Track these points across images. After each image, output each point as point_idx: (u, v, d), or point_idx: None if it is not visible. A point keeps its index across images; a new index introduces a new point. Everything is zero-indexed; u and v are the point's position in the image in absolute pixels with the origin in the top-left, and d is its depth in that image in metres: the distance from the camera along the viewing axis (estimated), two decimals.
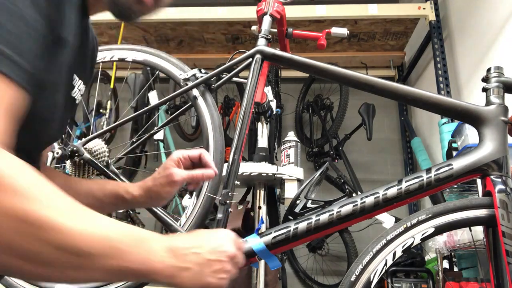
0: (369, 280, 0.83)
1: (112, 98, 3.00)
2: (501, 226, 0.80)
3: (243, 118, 1.10)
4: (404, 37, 3.18)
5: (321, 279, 2.89)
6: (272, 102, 1.72)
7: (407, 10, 2.84)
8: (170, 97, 1.26)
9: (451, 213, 0.85)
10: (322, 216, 0.89)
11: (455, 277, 1.79)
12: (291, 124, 3.43)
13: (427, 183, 0.87)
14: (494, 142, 0.87)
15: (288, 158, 1.67)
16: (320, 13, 2.82)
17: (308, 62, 1.12)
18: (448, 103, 0.97)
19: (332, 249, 2.94)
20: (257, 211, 1.64)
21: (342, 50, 3.35)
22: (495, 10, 2.08)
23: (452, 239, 1.76)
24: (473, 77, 2.31)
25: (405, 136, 3.29)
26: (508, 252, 0.78)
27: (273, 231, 0.91)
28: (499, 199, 0.82)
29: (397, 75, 3.49)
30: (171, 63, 1.24)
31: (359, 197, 0.89)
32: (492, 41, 2.09)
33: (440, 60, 2.55)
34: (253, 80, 1.15)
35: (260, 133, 1.73)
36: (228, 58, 1.35)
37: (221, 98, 3.22)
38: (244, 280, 1.60)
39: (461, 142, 1.75)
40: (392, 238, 0.85)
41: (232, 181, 1.04)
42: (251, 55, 1.18)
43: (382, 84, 1.03)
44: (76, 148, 1.12)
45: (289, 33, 1.53)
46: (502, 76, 0.94)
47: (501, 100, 0.91)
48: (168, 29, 3.14)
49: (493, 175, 0.85)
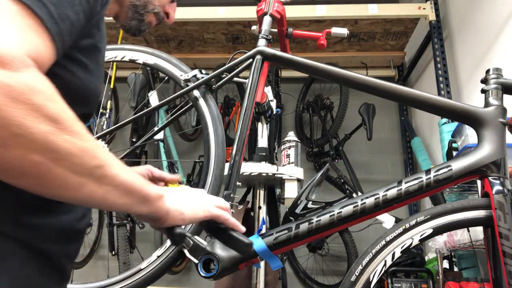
0: (368, 280, 0.84)
1: (112, 98, 3.01)
2: (498, 227, 0.80)
3: (244, 119, 1.11)
4: (404, 37, 3.18)
5: (321, 279, 2.90)
6: (272, 102, 1.73)
7: (407, 10, 2.84)
8: (171, 98, 1.27)
9: (449, 214, 0.86)
10: (323, 217, 0.90)
11: (455, 277, 1.80)
12: (291, 124, 3.43)
13: (426, 184, 0.87)
14: (493, 143, 0.88)
15: (288, 158, 1.68)
16: (320, 13, 2.82)
17: (308, 63, 1.12)
18: (447, 104, 0.98)
19: (332, 249, 2.94)
20: (257, 211, 1.64)
21: (342, 50, 3.36)
22: (495, 10, 2.08)
23: (452, 239, 1.76)
24: (473, 77, 2.31)
25: (405, 136, 3.29)
26: (504, 253, 0.79)
27: (274, 232, 0.92)
28: (496, 200, 0.82)
29: (397, 75, 3.50)
30: (177, 66, 1.25)
31: (360, 198, 0.90)
32: (492, 41, 2.09)
33: (440, 60, 2.56)
34: (254, 80, 1.15)
35: (260, 133, 1.73)
36: (228, 58, 1.35)
37: (221, 98, 3.23)
38: (244, 280, 1.60)
39: (461, 142, 1.75)
40: (391, 239, 0.86)
41: (234, 182, 1.04)
42: (251, 55, 1.19)
43: (382, 85, 1.04)
44: None
45: (289, 33, 1.53)
46: (501, 77, 0.94)
47: (499, 101, 0.92)
48: (168, 29, 3.15)
49: (491, 177, 0.86)
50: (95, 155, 0.53)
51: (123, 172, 0.59)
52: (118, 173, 0.58)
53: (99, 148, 0.55)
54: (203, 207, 0.79)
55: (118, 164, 0.59)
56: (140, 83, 2.89)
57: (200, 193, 0.84)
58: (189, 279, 3.03)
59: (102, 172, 0.55)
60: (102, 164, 0.55)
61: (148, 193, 0.65)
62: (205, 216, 0.79)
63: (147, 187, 0.65)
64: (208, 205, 0.81)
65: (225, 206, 0.85)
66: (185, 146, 3.42)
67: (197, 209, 0.78)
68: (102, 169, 0.55)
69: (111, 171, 0.57)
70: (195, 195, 0.81)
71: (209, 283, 1.48)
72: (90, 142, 0.53)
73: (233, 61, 1.22)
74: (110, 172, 0.56)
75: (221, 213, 0.83)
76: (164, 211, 0.70)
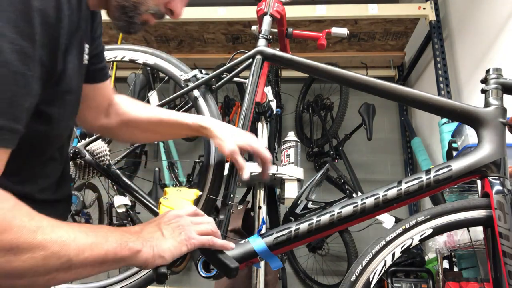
0: (368, 280, 0.84)
1: None
2: (498, 227, 0.80)
3: (244, 119, 1.11)
4: (404, 37, 3.18)
5: (321, 279, 2.90)
6: (272, 102, 1.72)
7: (407, 10, 2.84)
8: (171, 98, 1.27)
9: (449, 214, 0.86)
10: (323, 217, 0.90)
11: (455, 277, 1.80)
12: (291, 124, 3.43)
13: (426, 184, 0.87)
14: (493, 143, 0.88)
15: (288, 158, 1.67)
16: (320, 13, 2.82)
17: (308, 63, 1.12)
18: (447, 104, 0.98)
19: (332, 249, 2.94)
20: (257, 211, 1.64)
21: (342, 50, 3.36)
22: (495, 10, 2.08)
23: (452, 239, 1.76)
24: (473, 77, 2.31)
25: (405, 136, 3.29)
26: (504, 253, 0.79)
27: (274, 232, 0.92)
28: (496, 200, 0.82)
29: (397, 75, 3.49)
30: (177, 66, 1.25)
31: (360, 198, 0.90)
32: (492, 41, 2.09)
33: (440, 60, 2.56)
34: (254, 80, 1.15)
35: (260, 133, 1.72)
36: (228, 58, 1.35)
37: (221, 98, 3.23)
38: (244, 280, 1.60)
39: (461, 142, 1.75)
40: (391, 239, 0.86)
41: (234, 182, 1.04)
42: (251, 55, 1.19)
43: (382, 85, 1.04)
44: (78, 149, 1.13)
45: (289, 33, 1.53)
46: (501, 77, 0.94)
47: (499, 101, 0.92)
48: (168, 29, 3.15)
49: (491, 177, 0.86)
50: (59, 254, 0.57)
51: (93, 249, 0.61)
52: (86, 256, 0.60)
53: (62, 238, 0.57)
54: (185, 241, 0.77)
55: (87, 242, 0.61)
56: (140, 83, 2.90)
57: (183, 223, 0.80)
58: (189, 279, 3.03)
59: (69, 264, 0.58)
60: (68, 259, 0.58)
61: (122, 256, 0.66)
62: (189, 249, 0.78)
63: (122, 249, 0.66)
64: (191, 236, 0.78)
65: (209, 230, 0.82)
66: (185, 146, 3.42)
67: (180, 245, 0.76)
68: (68, 262, 0.58)
69: (78, 259, 0.59)
70: (177, 229, 0.77)
71: (209, 283, 1.48)
72: (51, 241, 0.56)
73: (233, 61, 1.22)
74: (77, 260, 0.59)
75: (205, 240, 0.80)
76: (142, 262, 0.70)
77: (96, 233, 0.64)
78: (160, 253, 0.72)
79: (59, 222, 0.60)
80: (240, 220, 1.61)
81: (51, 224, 0.58)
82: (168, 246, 0.74)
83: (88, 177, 1.16)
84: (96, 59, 0.88)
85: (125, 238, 0.68)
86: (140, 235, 0.72)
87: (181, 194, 0.93)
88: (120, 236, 0.67)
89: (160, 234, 0.75)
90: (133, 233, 0.72)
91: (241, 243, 0.93)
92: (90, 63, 0.83)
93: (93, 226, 0.68)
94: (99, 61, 0.90)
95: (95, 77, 0.90)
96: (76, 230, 0.61)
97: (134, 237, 0.70)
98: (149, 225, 0.77)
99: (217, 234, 0.84)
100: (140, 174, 3.25)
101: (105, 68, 0.92)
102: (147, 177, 3.03)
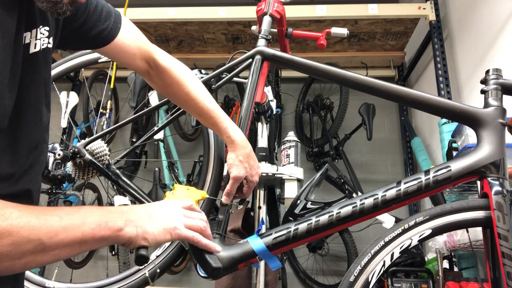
0: (367, 280, 0.84)
1: (112, 98, 3.01)
2: (497, 228, 0.80)
3: (243, 119, 1.11)
4: (404, 37, 3.18)
5: (321, 279, 2.90)
6: (272, 102, 1.72)
7: (407, 10, 2.84)
8: None
9: (448, 215, 0.86)
10: (322, 217, 0.90)
11: (455, 277, 1.80)
12: (291, 124, 3.43)
13: (425, 185, 0.87)
14: (492, 144, 0.88)
15: (288, 158, 1.68)
16: (320, 13, 2.82)
17: (308, 63, 1.12)
18: (446, 105, 0.98)
19: (332, 249, 2.94)
20: (257, 211, 1.64)
21: (342, 50, 3.36)
22: (495, 10, 2.08)
23: (452, 239, 1.76)
24: (473, 77, 2.31)
25: (405, 136, 3.29)
26: (503, 254, 0.79)
27: (273, 232, 0.92)
28: (495, 201, 0.83)
29: (397, 75, 3.49)
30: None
31: (359, 199, 0.90)
32: (492, 41, 2.09)
33: (440, 60, 2.55)
34: (253, 80, 1.15)
35: (260, 133, 1.73)
36: (228, 58, 1.35)
37: (221, 98, 3.23)
38: (244, 280, 1.60)
39: (461, 142, 1.75)
40: (390, 239, 0.86)
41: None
42: (251, 55, 1.19)
43: (382, 86, 1.04)
44: (78, 149, 1.13)
45: (289, 33, 1.53)
46: (501, 78, 0.94)
47: (499, 102, 0.92)
48: (168, 29, 3.15)
49: (491, 177, 0.86)
50: (29, 238, 0.57)
51: (67, 231, 0.61)
52: (61, 238, 0.61)
53: (30, 222, 0.58)
54: (171, 230, 0.77)
55: (60, 225, 0.61)
56: (140, 83, 2.89)
57: (174, 212, 0.81)
58: (189, 279, 3.03)
59: (42, 247, 0.59)
60: (40, 242, 0.58)
61: (102, 236, 0.66)
62: (173, 239, 0.78)
63: (101, 229, 0.66)
64: (178, 227, 0.78)
65: (197, 227, 0.82)
66: (185, 146, 3.42)
67: (164, 232, 0.76)
68: (42, 245, 0.58)
69: (51, 241, 0.60)
70: (166, 215, 0.78)
71: (209, 283, 1.48)
72: (18, 226, 0.56)
73: (233, 61, 1.22)
74: (51, 243, 0.59)
75: (192, 236, 0.81)
76: (125, 240, 0.71)
77: (72, 216, 0.64)
78: (144, 234, 0.73)
79: (31, 207, 0.60)
80: (240, 220, 1.61)
81: (19, 210, 0.58)
82: (153, 230, 0.74)
83: (88, 177, 1.16)
84: (86, 27, 0.84)
85: (105, 218, 0.68)
86: (126, 214, 0.72)
87: (188, 192, 0.95)
88: (101, 216, 0.68)
89: (148, 217, 0.75)
90: (118, 212, 0.72)
91: (240, 243, 0.93)
92: (82, 32, 0.83)
93: (73, 208, 0.67)
94: (92, 26, 0.85)
95: (97, 42, 0.89)
96: (48, 214, 0.61)
97: (117, 216, 0.70)
98: (141, 207, 0.79)
99: (205, 233, 0.84)
100: (140, 174, 3.25)
101: (104, 30, 0.88)
102: (147, 177, 3.03)
